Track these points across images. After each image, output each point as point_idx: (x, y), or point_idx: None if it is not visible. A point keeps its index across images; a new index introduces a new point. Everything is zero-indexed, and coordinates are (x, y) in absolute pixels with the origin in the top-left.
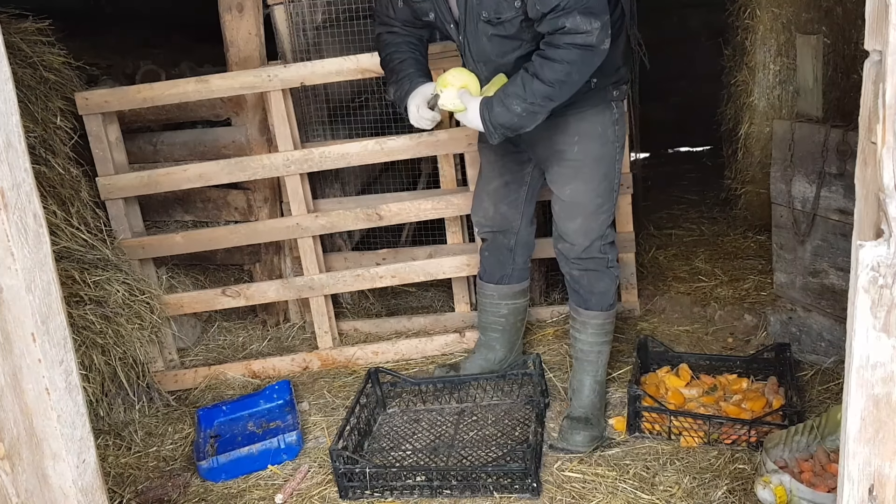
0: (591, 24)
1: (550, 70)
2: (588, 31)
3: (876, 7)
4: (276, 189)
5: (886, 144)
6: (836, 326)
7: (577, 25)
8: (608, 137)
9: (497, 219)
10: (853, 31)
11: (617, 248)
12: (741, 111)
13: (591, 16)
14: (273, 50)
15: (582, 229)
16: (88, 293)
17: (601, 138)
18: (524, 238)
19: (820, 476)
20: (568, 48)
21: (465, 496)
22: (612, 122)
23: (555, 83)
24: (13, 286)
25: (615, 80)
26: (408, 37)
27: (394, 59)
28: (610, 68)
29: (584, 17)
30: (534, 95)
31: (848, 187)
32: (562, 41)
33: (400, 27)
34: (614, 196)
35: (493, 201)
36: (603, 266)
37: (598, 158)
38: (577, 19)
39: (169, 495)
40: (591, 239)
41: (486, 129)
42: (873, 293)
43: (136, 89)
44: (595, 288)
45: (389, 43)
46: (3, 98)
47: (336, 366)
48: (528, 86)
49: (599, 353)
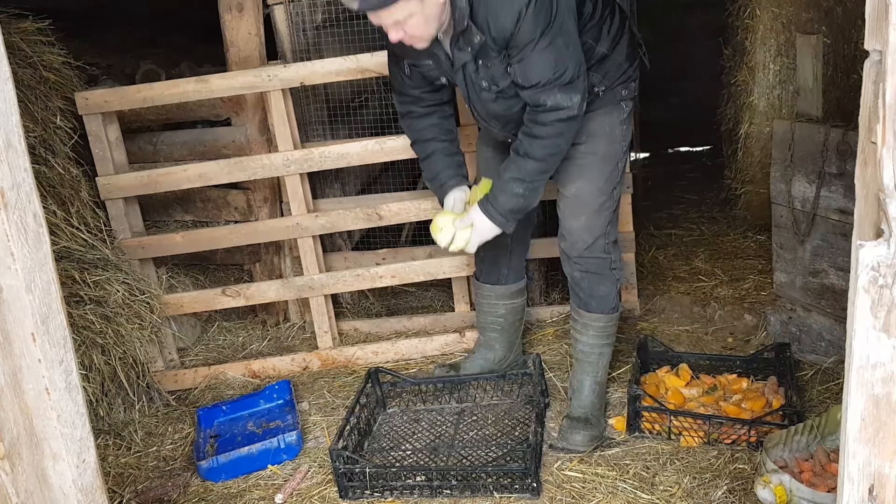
0: (570, 100)
1: (539, 147)
2: (569, 107)
3: (876, 7)
4: (276, 189)
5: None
6: (836, 326)
7: (558, 102)
8: (615, 136)
9: None
10: (853, 31)
11: (620, 247)
12: (741, 111)
13: (571, 90)
14: (273, 50)
15: (585, 226)
16: (88, 293)
17: (608, 137)
18: (520, 237)
19: (820, 476)
20: (552, 124)
21: (465, 496)
22: (619, 122)
23: (546, 158)
24: (13, 286)
25: (622, 79)
26: (429, 116)
27: (419, 150)
28: (615, 71)
29: (564, 93)
30: (530, 175)
31: (848, 187)
32: (545, 119)
33: (418, 98)
34: (617, 194)
35: None
36: (606, 268)
37: (605, 157)
38: (557, 97)
39: (169, 495)
40: (595, 236)
41: (498, 222)
42: (873, 293)
43: (136, 89)
44: (595, 292)
45: (412, 129)
46: (3, 98)
47: (336, 366)
48: (522, 168)
49: (600, 355)
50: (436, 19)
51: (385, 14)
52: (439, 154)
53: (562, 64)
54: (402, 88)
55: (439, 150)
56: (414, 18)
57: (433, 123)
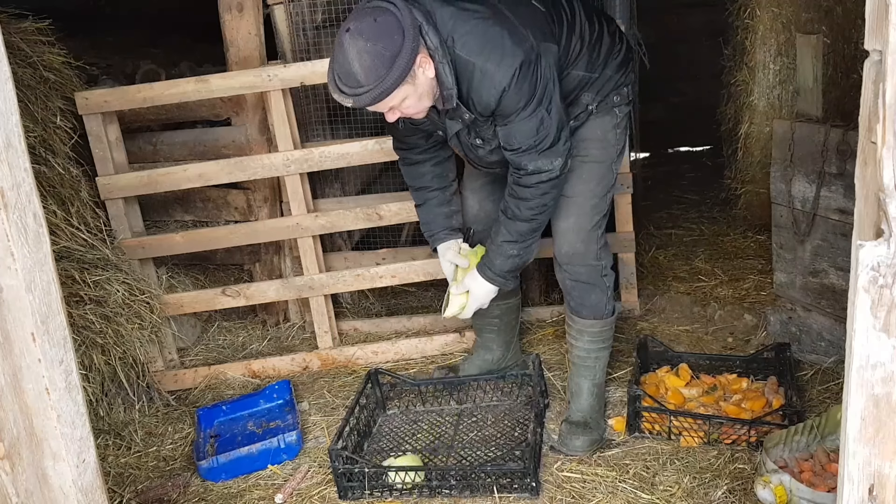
0: (551, 164)
1: (526, 209)
2: (550, 170)
3: (876, 7)
4: (276, 189)
5: (886, 144)
6: (836, 326)
7: (539, 167)
8: (608, 141)
9: (481, 217)
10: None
11: (611, 253)
12: (741, 111)
13: (551, 155)
14: (273, 50)
15: (575, 228)
16: (88, 293)
17: (601, 142)
18: None
19: (820, 476)
20: (535, 186)
21: (465, 496)
22: (612, 126)
23: (534, 217)
24: (13, 286)
25: (612, 88)
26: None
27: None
28: (607, 85)
29: (545, 158)
30: (521, 235)
31: (848, 187)
32: (528, 181)
33: (414, 142)
34: (609, 198)
35: (477, 199)
36: (597, 276)
37: (597, 160)
38: (538, 161)
39: (169, 495)
40: (585, 241)
41: (499, 283)
42: (873, 293)
43: (136, 89)
44: (586, 300)
45: (408, 175)
46: (3, 98)
47: (336, 365)
48: (511, 230)
49: (597, 359)
50: (428, 95)
51: (380, 105)
52: (433, 203)
53: (543, 131)
54: (398, 135)
55: (433, 199)
56: (408, 100)
57: (429, 171)
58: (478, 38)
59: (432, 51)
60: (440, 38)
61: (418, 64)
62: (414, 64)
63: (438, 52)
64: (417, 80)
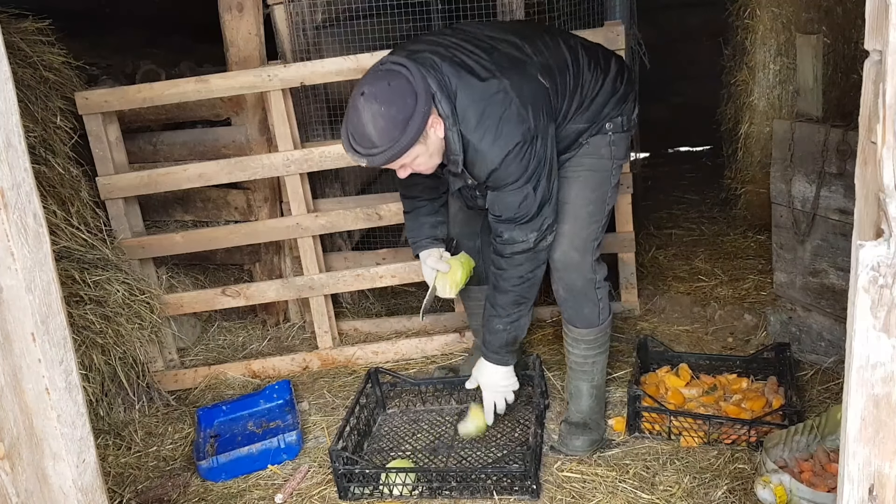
0: (526, 236)
1: (506, 281)
2: (524, 241)
3: (876, 7)
4: (276, 189)
5: (886, 144)
6: (836, 326)
7: (513, 237)
8: (602, 154)
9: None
10: (853, 31)
11: (605, 267)
12: (741, 111)
13: (527, 228)
14: (273, 50)
15: (570, 234)
16: (88, 293)
17: (595, 154)
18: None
19: (820, 476)
20: (510, 256)
21: (465, 497)
22: (607, 143)
23: (515, 288)
24: (13, 286)
25: (604, 117)
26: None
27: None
28: (597, 117)
29: (521, 230)
30: (506, 308)
31: (848, 187)
32: (503, 250)
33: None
34: (605, 211)
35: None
36: (590, 288)
37: (592, 168)
38: (513, 232)
39: (169, 495)
40: (581, 251)
41: (498, 361)
42: (873, 293)
43: (136, 89)
44: (579, 313)
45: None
46: (3, 98)
47: (336, 365)
48: (496, 302)
49: (594, 364)
50: (438, 153)
51: (393, 164)
52: (421, 213)
53: (525, 207)
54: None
55: (422, 209)
56: (419, 158)
57: (422, 182)
58: (476, 115)
59: (444, 118)
60: (451, 106)
61: (430, 125)
62: (426, 125)
63: (449, 120)
64: (429, 140)
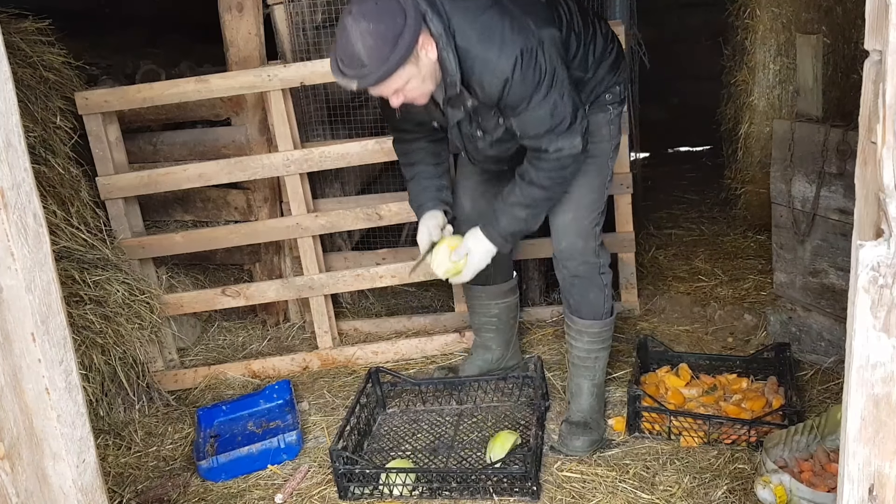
0: (572, 141)
1: (545, 178)
2: (572, 146)
3: (876, 7)
4: (276, 189)
5: (886, 144)
6: (836, 326)
7: (559, 146)
8: (602, 136)
9: (473, 216)
10: (853, 31)
11: (608, 251)
12: (741, 111)
13: (570, 134)
14: (273, 50)
15: (573, 224)
16: (88, 293)
17: (595, 136)
18: None
19: (820, 476)
20: (556, 160)
21: (465, 497)
22: (606, 122)
23: (552, 187)
24: (13, 286)
25: (603, 89)
26: (418, 140)
27: (405, 171)
28: (599, 86)
29: (564, 138)
30: (534, 200)
31: (848, 187)
32: (549, 157)
33: (410, 129)
34: (606, 195)
35: (470, 197)
36: (594, 273)
37: (592, 155)
38: (557, 143)
39: (169, 495)
40: (584, 238)
41: (498, 243)
42: (873, 293)
43: (136, 89)
44: (585, 298)
45: (400, 152)
46: (3, 98)
47: (336, 365)
48: (526, 192)
49: (596, 360)
50: (431, 78)
51: (384, 87)
52: (422, 177)
53: (558, 115)
54: (394, 123)
55: (423, 173)
56: (412, 82)
57: (422, 147)
58: (476, 28)
59: (436, 37)
60: (444, 24)
61: (421, 45)
62: (416, 45)
63: (442, 39)
64: (421, 62)
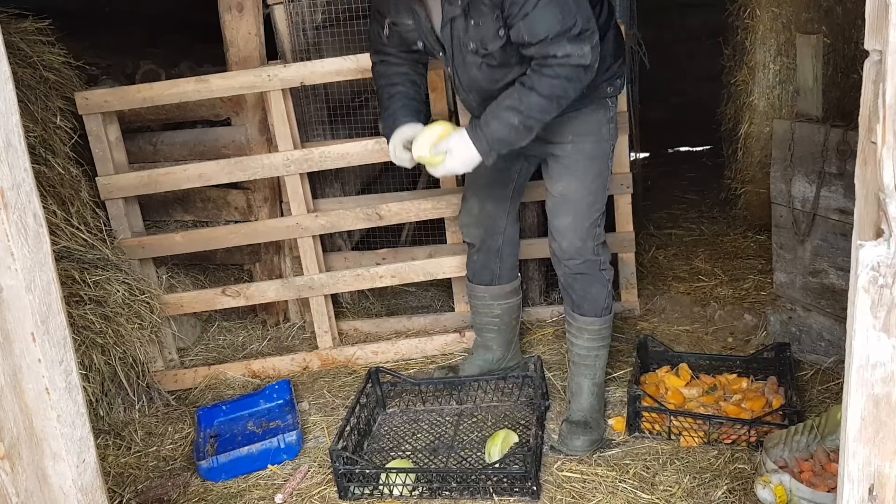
0: (582, 49)
1: (547, 85)
2: (581, 55)
3: (876, 7)
4: (276, 189)
5: (886, 144)
6: (836, 326)
7: (568, 52)
8: (602, 136)
9: (483, 218)
10: (853, 31)
11: (609, 249)
12: (741, 111)
13: (581, 41)
14: (273, 50)
15: (573, 226)
16: (88, 293)
17: (595, 136)
18: (510, 237)
19: (820, 476)
20: (563, 66)
21: (465, 497)
22: (606, 120)
23: (551, 97)
24: (13, 286)
25: (607, 76)
26: (400, 66)
27: (384, 93)
28: (600, 66)
29: (574, 43)
30: (530, 108)
31: (848, 187)
32: (555, 63)
33: (394, 54)
34: (605, 195)
35: (478, 200)
36: (595, 269)
37: (592, 157)
38: (566, 47)
39: (169, 495)
40: (583, 238)
41: (481, 149)
42: (873, 293)
43: (136, 89)
44: (587, 293)
45: (382, 74)
46: (3, 98)
47: (336, 365)
48: (524, 98)
49: (597, 357)
50: None
51: None
52: (400, 97)
53: (568, 16)
54: (379, 46)
55: (401, 93)
56: None
57: (403, 72)
58: None
59: None
60: None
61: None
62: None
63: None
64: None
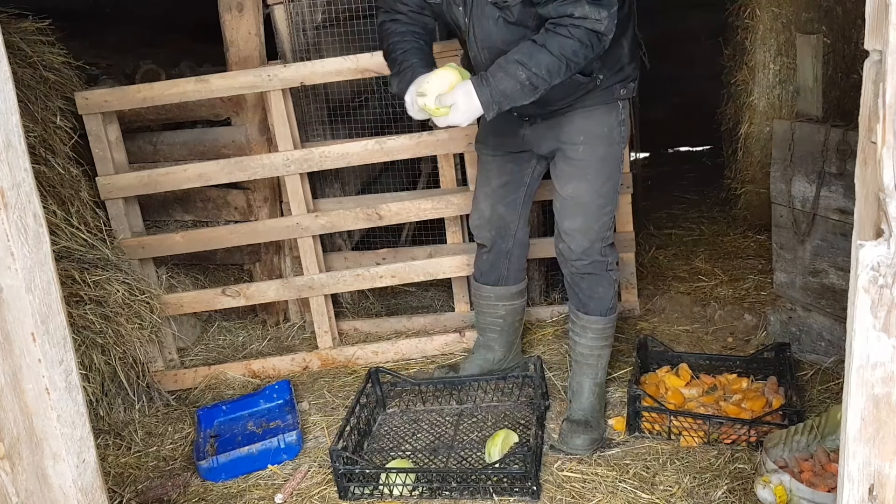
0: (599, 14)
1: (559, 44)
2: (598, 20)
3: (876, 7)
4: (276, 189)
5: (886, 144)
6: (836, 326)
7: (585, 13)
8: (613, 138)
9: (494, 220)
10: (853, 31)
11: (616, 250)
12: (741, 111)
13: (599, 5)
14: (273, 50)
15: (582, 229)
16: (88, 293)
17: (607, 139)
18: (521, 239)
19: (820, 476)
20: (577, 28)
21: (465, 497)
22: (618, 123)
23: (560, 58)
24: (13, 286)
25: (621, 77)
26: (412, 25)
27: (397, 49)
28: (615, 65)
29: (592, 6)
30: (538, 66)
31: (848, 187)
32: (570, 23)
33: (406, 13)
34: (616, 197)
35: (490, 202)
36: (602, 269)
37: (603, 159)
38: (584, 8)
39: (169, 495)
40: (592, 240)
41: (484, 100)
42: (873, 293)
43: (136, 89)
44: (594, 293)
45: (392, 32)
46: (3, 98)
47: (336, 365)
48: (534, 54)
49: (599, 357)
50: None
51: None
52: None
53: None
54: (392, 5)
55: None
56: None
57: (415, 31)
58: None
59: None
60: None
61: None
62: None
63: None
64: None
